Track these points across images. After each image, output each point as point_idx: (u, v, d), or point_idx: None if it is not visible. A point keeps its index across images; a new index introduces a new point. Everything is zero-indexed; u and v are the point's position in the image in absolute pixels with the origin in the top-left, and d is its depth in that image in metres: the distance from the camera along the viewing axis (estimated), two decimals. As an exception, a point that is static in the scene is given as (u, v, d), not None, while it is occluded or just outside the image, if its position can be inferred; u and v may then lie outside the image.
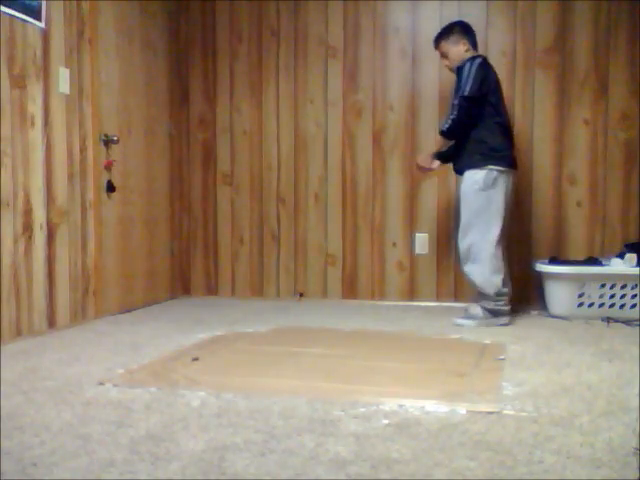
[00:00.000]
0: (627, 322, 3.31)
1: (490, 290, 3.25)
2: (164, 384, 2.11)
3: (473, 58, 3.27)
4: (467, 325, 3.26)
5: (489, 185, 3.22)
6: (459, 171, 3.38)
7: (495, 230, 3.24)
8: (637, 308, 3.41)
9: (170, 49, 4.19)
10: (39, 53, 3.00)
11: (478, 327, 3.22)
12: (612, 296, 3.44)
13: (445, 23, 3.48)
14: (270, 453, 1.52)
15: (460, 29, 3.38)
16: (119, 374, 2.26)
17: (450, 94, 3.48)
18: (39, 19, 2.98)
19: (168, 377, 2.20)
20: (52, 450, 1.54)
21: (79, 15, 3.27)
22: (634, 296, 3.42)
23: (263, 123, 4.20)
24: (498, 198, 3.23)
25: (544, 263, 3.60)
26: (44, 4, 3.00)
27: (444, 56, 3.41)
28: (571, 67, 3.79)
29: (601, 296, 3.45)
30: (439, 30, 3.43)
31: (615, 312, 3.43)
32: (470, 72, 3.21)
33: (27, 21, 2.91)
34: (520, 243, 3.87)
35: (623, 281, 3.43)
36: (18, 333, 2.86)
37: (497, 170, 3.23)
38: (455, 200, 3.51)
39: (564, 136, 3.82)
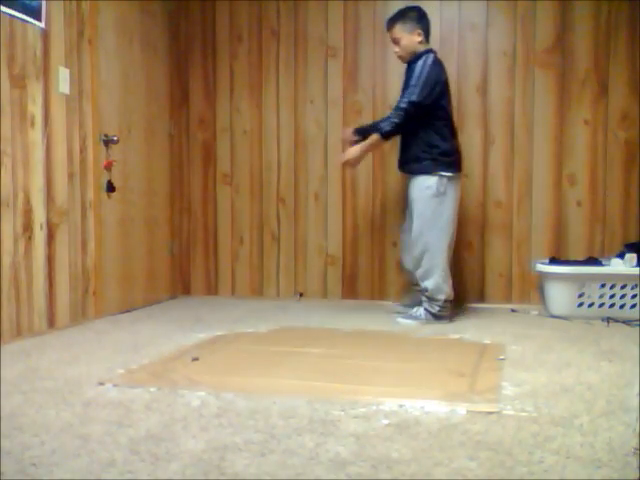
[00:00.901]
0: (627, 322, 3.32)
1: (441, 296, 3.27)
2: (164, 384, 2.11)
3: (426, 53, 3.24)
4: (408, 325, 3.28)
5: (442, 192, 3.22)
6: (408, 172, 3.36)
7: (447, 237, 3.26)
8: (637, 308, 3.41)
9: (170, 49, 4.19)
10: (39, 53, 3.00)
11: (419, 326, 3.23)
12: (612, 296, 3.44)
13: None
14: (270, 453, 1.52)
15: (417, 15, 3.31)
16: (119, 374, 2.26)
17: (399, 89, 3.42)
18: (39, 19, 2.98)
19: (168, 377, 2.20)
20: (52, 450, 1.54)
21: (79, 15, 3.27)
22: (634, 296, 3.42)
23: (263, 123, 4.20)
24: (449, 204, 3.25)
25: (544, 263, 3.60)
26: (44, 4, 3.00)
27: (396, 42, 3.33)
28: (571, 67, 3.79)
29: (601, 296, 3.45)
30: (394, 12, 3.38)
31: (615, 312, 3.43)
32: (422, 73, 3.16)
33: (27, 21, 2.91)
34: (520, 243, 3.88)
35: (623, 281, 3.43)
36: (18, 333, 2.86)
37: (447, 177, 3.24)
38: (405, 199, 3.50)
39: (564, 136, 3.82)
